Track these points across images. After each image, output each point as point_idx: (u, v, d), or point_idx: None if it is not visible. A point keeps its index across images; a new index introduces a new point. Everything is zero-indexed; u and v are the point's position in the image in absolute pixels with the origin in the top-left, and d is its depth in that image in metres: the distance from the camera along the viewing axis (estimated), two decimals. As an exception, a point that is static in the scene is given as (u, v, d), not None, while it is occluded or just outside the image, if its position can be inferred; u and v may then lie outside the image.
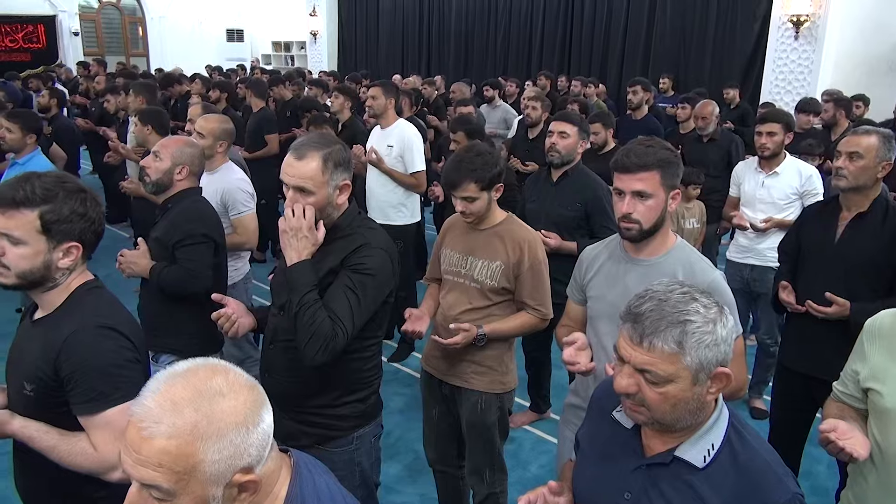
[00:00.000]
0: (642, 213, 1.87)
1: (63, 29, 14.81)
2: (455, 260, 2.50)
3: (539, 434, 3.76)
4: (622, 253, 2.01)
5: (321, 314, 1.82)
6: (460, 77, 11.11)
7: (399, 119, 4.45)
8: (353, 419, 2.05)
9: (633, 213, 1.87)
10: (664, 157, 1.87)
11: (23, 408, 1.55)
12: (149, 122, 4.03)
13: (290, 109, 6.91)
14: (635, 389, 1.24)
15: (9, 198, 1.48)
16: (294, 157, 1.87)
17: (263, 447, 1.01)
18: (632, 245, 1.96)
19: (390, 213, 4.33)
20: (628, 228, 1.90)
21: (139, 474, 0.95)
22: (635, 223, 1.88)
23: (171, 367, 1.01)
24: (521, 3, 12.92)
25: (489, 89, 7.29)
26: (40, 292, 1.59)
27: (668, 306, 1.21)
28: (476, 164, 2.34)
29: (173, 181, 2.75)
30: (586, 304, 2.13)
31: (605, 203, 3.20)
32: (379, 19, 15.60)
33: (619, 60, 11.46)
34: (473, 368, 2.47)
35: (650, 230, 1.90)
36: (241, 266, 3.52)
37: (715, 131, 5.02)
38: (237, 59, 15.74)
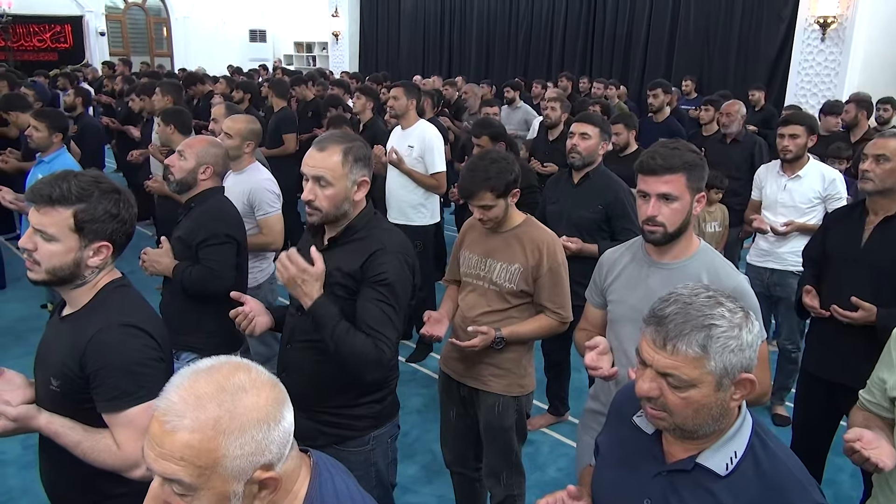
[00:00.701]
0: (667, 216, 1.85)
1: (90, 29, 15.06)
2: (474, 262, 2.50)
3: (557, 437, 3.74)
4: (645, 256, 1.99)
5: (358, 338, 1.86)
6: (481, 78, 11.11)
7: (420, 120, 4.46)
8: (369, 420, 2.05)
9: (658, 216, 1.85)
10: (690, 160, 1.86)
11: (49, 403, 1.57)
12: (171, 122, 4.08)
13: (311, 109, 6.95)
14: (657, 394, 1.23)
15: (45, 195, 1.51)
16: (316, 149, 1.92)
17: (284, 445, 1.02)
18: (655, 248, 1.94)
19: (410, 214, 4.34)
20: (652, 231, 1.88)
21: (161, 468, 0.95)
22: (660, 226, 1.86)
23: (195, 364, 1.01)
24: (543, 4, 12.88)
25: (510, 90, 7.27)
26: (69, 289, 1.61)
27: (693, 310, 1.20)
28: (490, 173, 2.32)
29: (197, 181, 2.77)
30: (605, 308, 2.11)
31: (626, 205, 3.17)
32: (400, 20, 15.64)
33: (642, 62, 11.38)
34: (491, 371, 2.46)
35: (674, 233, 1.88)
36: (266, 266, 3.53)
37: (739, 133, 4.96)
38: (260, 60, 15.88)
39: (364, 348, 1.86)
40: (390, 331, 1.91)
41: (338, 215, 1.94)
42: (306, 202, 1.92)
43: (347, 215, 1.96)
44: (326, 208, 1.91)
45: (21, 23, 13.94)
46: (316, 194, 1.90)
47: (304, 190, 1.92)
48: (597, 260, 3.06)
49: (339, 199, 1.91)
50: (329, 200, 1.90)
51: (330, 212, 1.92)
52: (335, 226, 1.98)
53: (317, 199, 1.90)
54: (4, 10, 13.35)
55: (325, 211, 1.92)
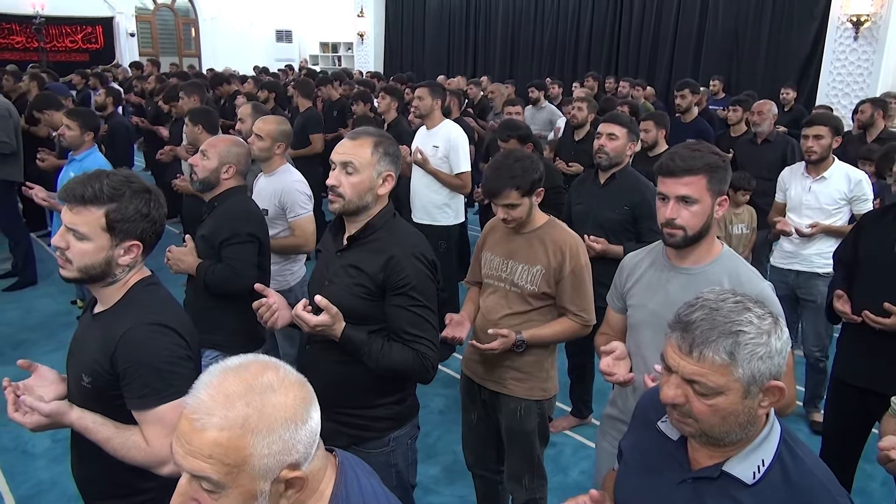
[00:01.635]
0: (687, 219, 1.82)
1: (120, 30, 15.32)
2: (495, 264, 2.48)
3: (580, 439, 3.71)
4: (665, 260, 1.96)
5: (395, 351, 1.91)
6: (506, 78, 11.07)
7: (445, 120, 4.45)
8: (389, 421, 2.06)
9: (678, 219, 1.82)
10: (711, 162, 1.82)
11: (81, 399, 1.60)
12: (199, 122, 4.13)
13: (336, 109, 6.99)
14: (683, 400, 1.21)
15: (78, 194, 1.53)
16: (349, 138, 1.99)
17: (311, 445, 1.02)
18: (675, 252, 1.91)
19: (435, 214, 4.34)
20: (672, 235, 1.85)
21: (190, 465, 0.96)
22: (679, 229, 1.83)
23: (224, 362, 1.02)
24: (569, 4, 12.80)
25: (534, 90, 7.24)
26: (100, 287, 1.63)
27: (720, 315, 1.18)
28: (516, 171, 2.31)
29: (220, 180, 2.80)
30: (626, 313, 2.09)
31: (653, 206, 3.12)
32: (425, 20, 15.67)
33: (669, 62, 11.26)
34: (513, 374, 2.44)
35: (695, 237, 1.84)
36: (297, 269, 3.52)
37: (770, 133, 4.88)
38: (286, 60, 16.02)
39: (404, 359, 1.92)
40: (429, 331, 1.95)
41: (359, 206, 1.95)
42: (329, 187, 1.95)
43: (368, 209, 1.97)
44: (349, 195, 1.93)
45: (54, 24, 14.23)
46: (340, 181, 1.93)
47: (330, 176, 1.95)
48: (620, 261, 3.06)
49: (362, 188, 1.93)
50: (353, 188, 1.92)
51: (352, 199, 1.93)
52: (355, 220, 1.99)
53: (341, 186, 1.93)
54: (38, 11, 13.63)
55: (347, 198, 1.93)
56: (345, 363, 1.94)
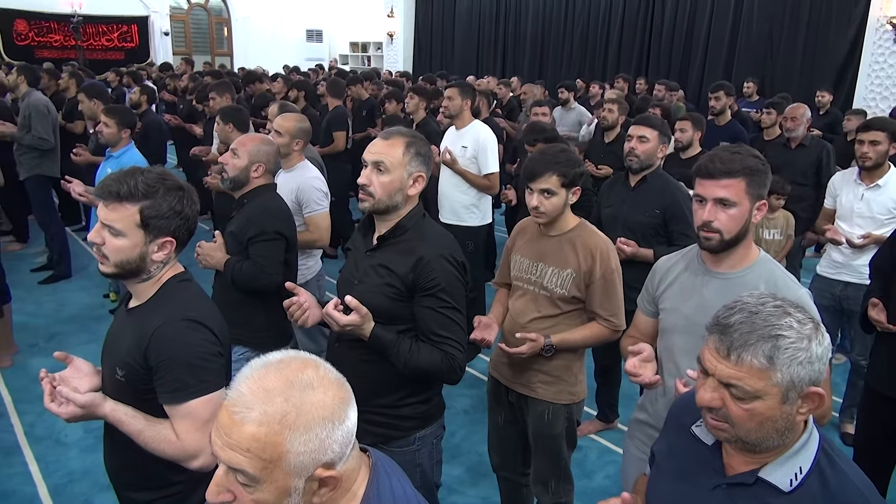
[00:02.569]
0: (724, 223, 1.79)
1: (154, 29, 15.59)
2: (525, 266, 2.47)
3: (606, 444, 3.68)
4: (700, 264, 1.93)
5: (424, 352, 1.92)
6: (535, 79, 11.04)
7: (474, 120, 4.45)
8: (415, 420, 2.06)
9: (714, 222, 1.80)
10: (751, 165, 1.79)
11: (114, 391, 1.63)
12: (230, 121, 4.18)
13: (365, 109, 7.02)
14: (719, 404, 1.19)
15: (114, 192, 1.56)
16: (381, 137, 2.00)
17: (346, 445, 1.02)
18: (711, 256, 1.88)
19: (462, 214, 4.33)
20: (708, 238, 1.82)
21: (227, 457, 0.97)
22: (716, 232, 1.80)
23: (265, 357, 1.03)
24: (600, 4, 12.71)
25: (563, 91, 7.21)
26: (135, 282, 1.66)
27: (760, 319, 1.16)
28: (560, 159, 2.32)
29: (250, 178, 2.83)
30: (657, 317, 2.06)
31: (685, 210, 3.10)
32: (455, 20, 15.68)
33: (702, 63, 11.11)
34: (541, 378, 2.42)
35: (731, 241, 1.82)
36: (313, 264, 3.57)
37: (804, 137, 4.79)
38: (316, 59, 16.16)
39: (432, 360, 1.92)
40: (457, 332, 1.95)
41: (389, 205, 1.96)
42: (360, 186, 1.96)
43: (398, 208, 1.98)
44: (379, 195, 1.94)
45: (91, 23, 14.53)
46: (371, 180, 1.94)
47: (361, 175, 1.97)
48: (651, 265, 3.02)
49: (393, 187, 1.94)
50: (383, 187, 1.94)
51: (382, 198, 1.94)
52: (385, 220, 2.00)
53: (371, 185, 1.94)
54: (76, 10, 13.93)
55: (377, 197, 1.94)
56: (372, 362, 1.95)
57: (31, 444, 3.51)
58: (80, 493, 3.13)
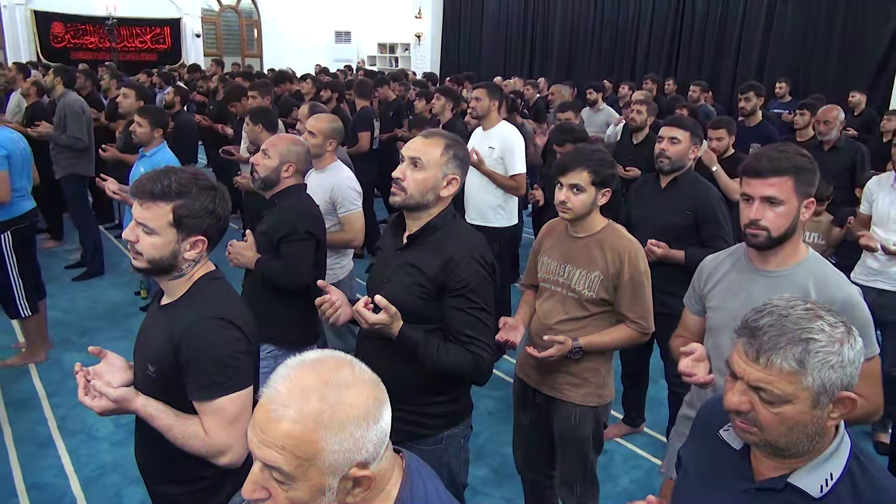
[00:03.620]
0: (771, 221, 1.79)
1: (186, 31, 15.83)
2: (552, 268, 2.45)
3: (631, 448, 3.65)
4: (747, 263, 1.93)
5: (452, 352, 1.92)
6: (563, 79, 10.97)
7: (501, 121, 4.44)
8: (443, 419, 2.06)
9: (762, 220, 1.80)
10: (799, 164, 1.80)
11: (146, 387, 1.65)
12: (259, 121, 4.23)
13: (392, 110, 7.05)
14: (748, 408, 1.17)
15: (148, 190, 1.59)
16: (422, 136, 2.03)
17: (380, 445, 1.03)
18: (758, 254, 1.88)
19: (489, 215, 4.32)
20: (755, 235, 1.82)
21: (263, 454, 0.98)
22: (763, 230, 1.80)
23: (301, 356, 1.04)
24: (629, 3, 12.60)
25: (592, 92, 7.16)
26: (167, 280, 1.69)
27: (790, 322, 1.14)
28: (594, 157, 2.32)
29: (280, 178, 2.86)
30: (704, 315, 2.06)
31: (717, 211, 3.05)
32: (483, 21, 15.67)
33: (733, 63, 10.96)
34: (568, 380, 2.41)
35: (779, 239, 1.81)
36: (346, 263, 3.59)
37: (838, 139, 4.69)
38: (344, 60, 16.26)
39: (459, 360, 1.92)
40: (485, 333, 1.95)
41: (420, 202, 1.97)
42: (394, 180, 1.98)
43: (428, 207, 1.98)
44: (411, 190, 1.95)
45: (125, 25, 14.81)
46: (406, 174, 1.96)
47: (396, 169, 1.99)
48: (682, 267, 2.99)
49: (426, 185, 1.95)
50: (416, 184, 1.95)
51: (413, 194, 1.95)
52: (415, 218, 2.01)
53: (405, 179, 1.96)
54: (111, 13, 14.20)
55: (409, 192, 1.95)
56: (401, 360, 1.95)
57: (63, 437, 3.59)
58: (110, 486, 3.19)
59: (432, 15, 16.35)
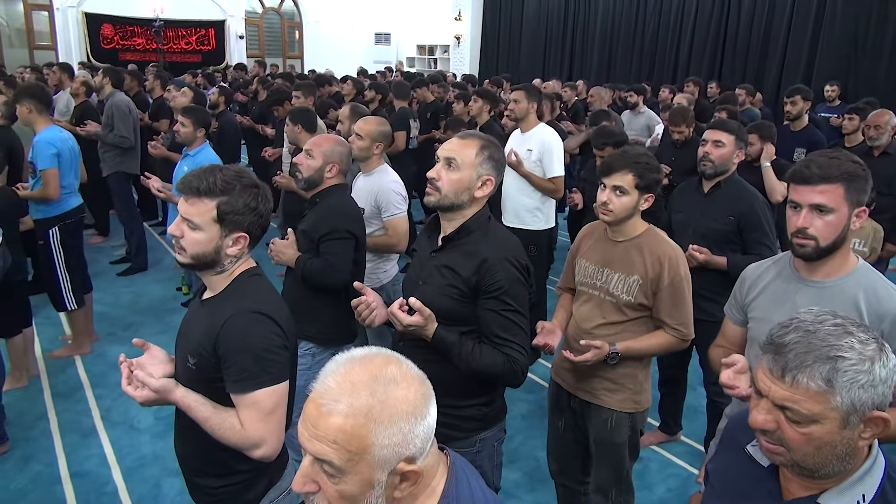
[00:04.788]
0: (820, 229, 1.73)
1: (230, 33, 16.12)
2: (590, 272, 2.42)
3: (667, 456, 3.58)
4: (793, 272, 1.87)
5: (486, 354, 1.92)
6: (602, 82, 10.86)
7: (540, 123, 4.41)
8: (476, 421, 2.06)
9: (810, 229, 1.74)
10: (850, 171, 1.72)
11: (186, 379, 1.69)
12: (299, 122, 4.28)
13: (430, 111, 7.07)
14: (773, 427, 1.13)
15: (194, 187, 1.63)
16: (458, 137, 2.04)
17: (427, 440, 1.04)
18: (805, 264, 1.82)
19: (525, 218, 4.30)
20: (802, 245, 1.76)
21: (314, 448, 0.99)
22: (811, 239, 1.74)
23: (349, 352, 1.05)
24: (672, 6, 12.42)
25: (633, 95, 7.08)
26: (209, 275, 1.72)
27: (817, 339, 1.09)
28: (640, 160, 2.29)
29: (324, 178, 2.88)
30: (745, 325, 2.00)
31: (762, 217, 2.98)
32: (523, 23, 15.63)
33: (779, 65, 10.70)
34: (605, 385, 2.38)
35: (827, 248, 1.75)
36: (390, 268, 3.58)
37: (888, 145, 4.54)
38: (384, 62, 16.38)
39: (494, 362, 1.92)
40: (519, 336, 1.94)
41: (454, 203, 1.97)
42: (429, 180, 1.99)
43: (462, 208, 1.99)
44: (446, 190, 1.96)
45: (171, 27, 15.15)
46: (440, 175, 1.97)
47: (432, 169, 2.00)
48: (723, 273, 2.93)
49: (461, 185, 1.96)
50: (451, 184, 1.96)
51: (448, 194, 1.96)
52: (450, 219, 2.01)
53: (440, 180, 1.97)
54: (158, 15, 14.56)
55: (443, 192, 1.96)
56: (435, 362, 1.94)
57: (106, 428, 3.68)
58: (150, 477, 3.27)
59: (472, 17, 16.37)
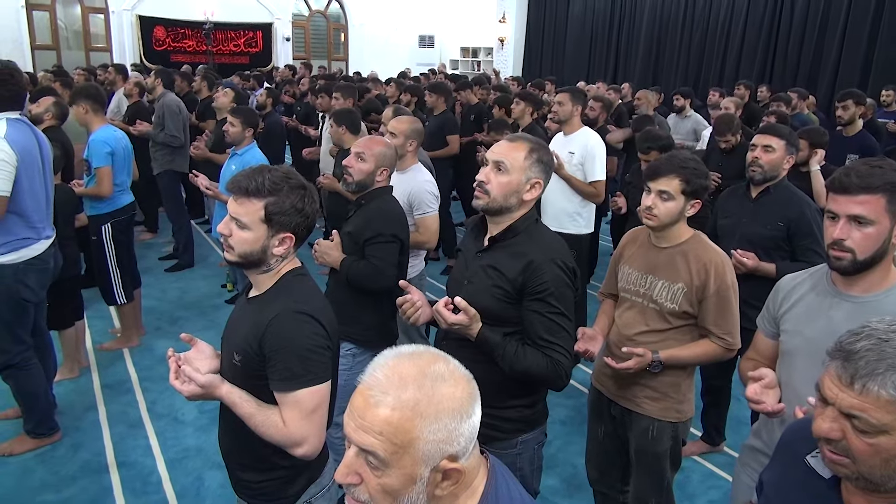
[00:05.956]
0: (858, 242, 1.65)
1: (277, 35, 16.40)
2: (633, 278, 2.39)
3: (710, 467, 3.51)
4: (829, 285, 1.79)
5: (529, 356, 1.91)
6: (646, 84, 10.69)
7: (583, 127, 4.37)
8: (518, 423, 2.05)
9: (847, 241, 1.66)
10: (894, 180, 1.63)
11: (231, 375, 1.72)
12: (343, 123, 4.33)
13: (473, 113, 7.07)
14: (839, 436, 1.10)
15: (243, 187, 1.66)
16: (507, 139, 2.02)
17: (471, 440, 1.04)
18: (842, 278, 1.74)
19: (564, 221, 4.24)
20: (838, 258, 1.68)
21: (360, 439, 1.00)
22: (847, 252, 1.66)
23: (397, 349, 1.07)
24: (722, 6, 12.14)
25: (679, 98, 6.96)
26: (255, 273, 1.75)
27: (891, 347, 1.06)
28: (688, 165, 2.25)
29: (374, 182, 2.90)
30: (777, 338, 1.94)
31: (812, 224, 2.89)
32: (567, 25, 15.51)
33: (833, 68, 10.35)
34: (647, 393, 2.34)
35: (865, 262, 1.67)
36: (418, 263, 3.63)
37: (949, 152, 4.36)
38: (427, 64, 16.43)
39: (537, 364, 1.91)
40: (564, 339, 1.93)
41: (503, 206, 1.96)
42: (478, 183, 1.98)
43: (511, 211, 1.98)
44: (495, 194, 1.95)
45: (221, 29, 15.49)
46: (489, 178, 1.96)
47: (480, 172, 2.00)
48: (771, 280, 2.85)
49: (509, 189, 1.95)
50: (500, 187, 1.95)
51: (497, 198, 1.95)
52: (497, 221, 2.01)
53: (489, 183, 1.96)
54: (208, 17, 14.90)
55: (492, 195, 1.95)
56: (479, 362, 1.93)
57: (152, 419, 3.78)
58: (193, 469, 3.34)
59: (516, 19, 16.31)
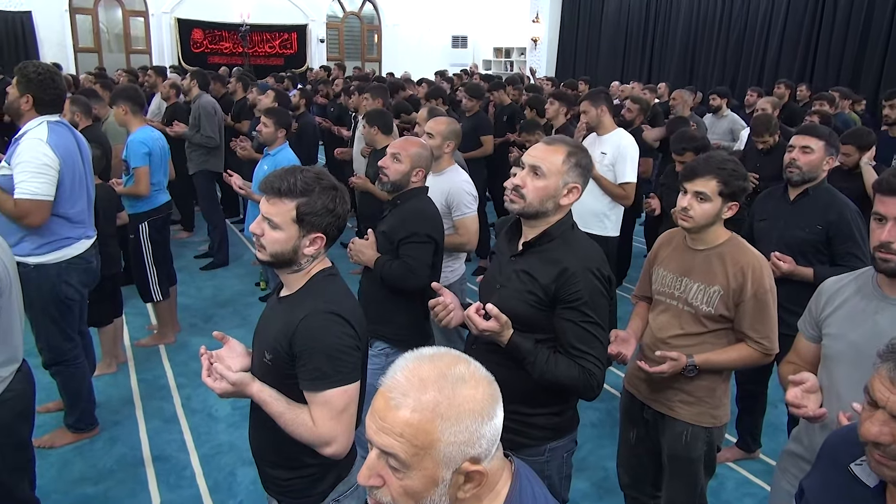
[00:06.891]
0: None
1: (312, 36, 16.58)
2: (668, 281, 2.34)
3: (745, 474, 3.43)
4: (874, 289, 1.75)
5: (561, 364, 1.88)
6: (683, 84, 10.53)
7: (617, 128, 4.32)
8: (547, 430, 2.03)
9: (894, 244, 1.62)
10: None
11: (261, 374, 1.74)
12: (375, 124, 4.35)
13: (506, 114, 7.04)
14: (889, 440, 1.07)
15: (275, 187, 1.67)
16: (544, 143, 1.99)
17: (492, 443, 1.03)
18: (889, 281, 1.70)
19: (591, 222, 4.15)
20: (886, 260, 1.65)
21: (381, 440, 1.00)
22: (895, 255, 1.62)
23: (417, 351, 1.07)
24: (760, 3, 11.87)
25: (716, 98, 6.85)
26: (286, 273, 1.77)
27: None
28: (726, 166, 2.20)
29: (410, 183, 2.90)
30: (819, 342, 1.89)
31: (853, 227, 2.81)
32: (602, 24, 15.36)
33: (878, 67, 10.02)
34: (682, 397, 2.30)
35: None
36: (458, 267, 3.59)
37: None
38: (460, 65, 16.44)
39: (569, 373, 1.88)
40: (597, 348, 1.90)
41: (538, 210, 1.93)
42: (514, 187, 1.95)
43: (547, 215, 1.95)
44: (531, 198, 1.92)
45: (256, 31, 15.72)
46: (526, 182, 1.93)
47: (516, 175, 1.97)
48: (809, 285, 2.78)
49: (546, 193, 1.92)
50: (536, 192, 1.92)
51: (533, 202, 1.92)
52: (532, 225, 1.98)
53: (525, 187, 1.93)
54: (244, 20, 15.13)
55: (528, 199, 1.93)
56: (508, 367, 1.93)
57: (186, 415, 3.85)
58: (225, 465, 3.39)
59: (549, 19, 16.22)
